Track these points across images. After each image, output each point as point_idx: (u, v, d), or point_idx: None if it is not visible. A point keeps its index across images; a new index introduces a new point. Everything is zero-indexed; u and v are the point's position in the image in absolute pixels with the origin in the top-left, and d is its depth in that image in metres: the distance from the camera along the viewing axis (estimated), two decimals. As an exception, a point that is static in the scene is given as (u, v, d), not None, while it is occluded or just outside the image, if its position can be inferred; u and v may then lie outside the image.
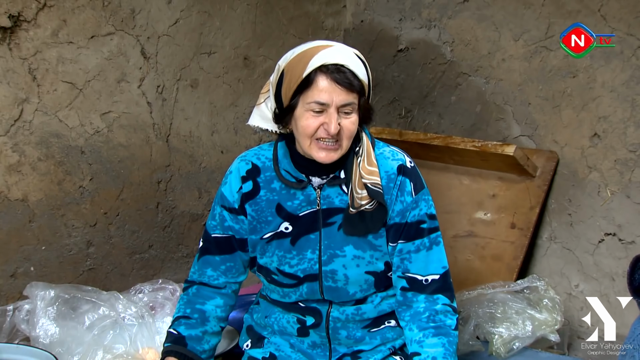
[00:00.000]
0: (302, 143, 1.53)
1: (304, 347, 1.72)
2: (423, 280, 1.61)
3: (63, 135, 2.32)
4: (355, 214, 1.55)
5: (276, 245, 1.63)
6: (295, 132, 1.55)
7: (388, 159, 1.62)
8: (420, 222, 1.61)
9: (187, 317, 1.68)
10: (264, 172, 1.64)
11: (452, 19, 2.92)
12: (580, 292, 2.59)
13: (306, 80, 1.46)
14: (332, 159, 1.52)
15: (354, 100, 1.49)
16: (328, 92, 1.46)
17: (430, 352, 1.55)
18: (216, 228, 1.68)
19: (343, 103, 1.48)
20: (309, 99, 1.47)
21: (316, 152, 1.52)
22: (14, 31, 2.16)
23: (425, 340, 1.57)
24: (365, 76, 1.51)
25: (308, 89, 1.47)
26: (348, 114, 1.50)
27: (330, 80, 1.46)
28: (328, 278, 1.62)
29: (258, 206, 1.63)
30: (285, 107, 1.52)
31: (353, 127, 1.51)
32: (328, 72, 1.46)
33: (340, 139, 1.51)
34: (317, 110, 1.48)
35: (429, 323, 1.59)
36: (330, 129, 1.47)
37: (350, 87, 1.47)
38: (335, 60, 1.46)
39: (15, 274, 2.25)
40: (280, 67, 1.53)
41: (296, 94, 1.48)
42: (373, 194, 1.53)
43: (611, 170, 2.47)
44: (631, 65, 2.39)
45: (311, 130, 1.49)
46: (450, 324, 1.60)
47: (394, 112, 3.21)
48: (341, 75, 1.46)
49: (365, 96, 1.53)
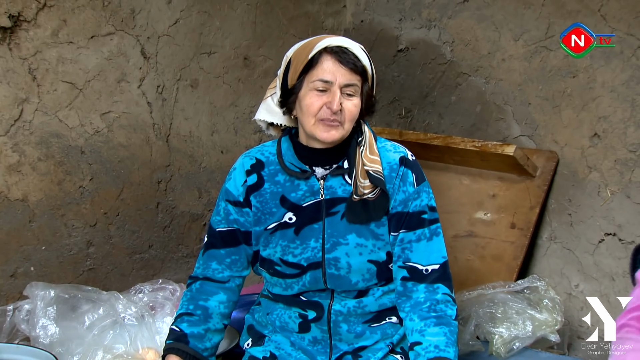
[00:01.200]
0: (305, 123, 1.57)
1: (304, 344, 1.73)
2: (423, 270, 1.63)
3: (63, 135, 2.32)
4: (358, 202, 1.58)
5: (280, 235, 1.65)
6: (299, 114, 1.59)
7: (390, 151, 1.67)
8: (422, 213, 1.64)
9: (190, 314, 1.68)
10: (268, 165, 1.67)
11: (452, 19, 2.92)
12: (580, 292, 2.59)
13: (311, 61, 1.53)
14: (334, 137, 1.56)
15: (357, 82, 1.55)
16: (332, 71, 1.52)
17: (433, 340, 1.56)
18: (221, 222, 1.71)
19: (346, 83, 1.53)
20: (314, 77, 1.53)
21: (319, 131, 1.56)
22: (14, 31, 2.16)
23: (427, 329, 1.58)
24: (368, 64, 1.57)
25: (313, 69, 1.53)
26: (351, 96, 1.55)
27: (334, 60, 1.52)
28: (331, 265, 1.63)
29: (262, 198, 1.66)
30: (290, 89, 1.57)
31: (355, 110, 1.56)
32: (332, 52, 1.53)
33: (343, 121, 1.56)
34: (321, 89, 1.53)
35: (430, 312, 1.60)
36: (333, 106, 1.52)
37: (354, 67, 1.53)
38: (340, 43, 1.53)
39: (15, 274, 2.25)
40: (287, 57, 1.61)
41: (301, 75, 1.55)
42: (374, 181, 1.57)
43: (611, 170, 2.47)
44: (631, 65, 2.39)
45: (315, 109, 1.54)
46: (450, 314, 1.61)
47: (394, 112, 3.21)
48: (345, 56, 1.52)
49: (368, 83, 1.59)
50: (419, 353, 1.56)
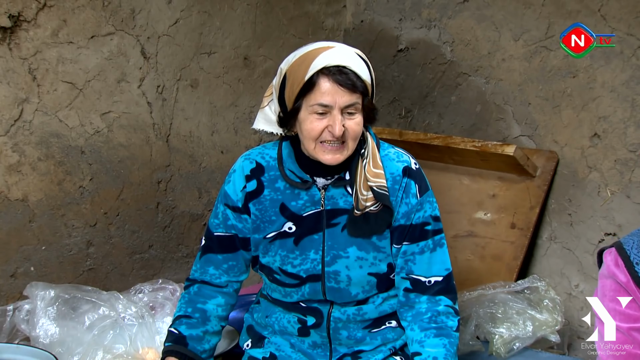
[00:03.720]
0: (307, 146, 1.53)
1: (304, 347, 1.72)
2: (426, 282, 1.61)
3: (63, 135, 2.32)
4: (360, 215, 1.55)
5: (279, 244, 1.63)
6: (300, 135, 1.55)
7: (393, 160, 1.62)
8: (425, 224, 1.61)
9: (188, 317, 1.68)
10: (268, 171, 1.63)
11: (452, 19, 2.92)
12: (580, 292, 2.59)
13: (308, 83, 1.46)
14: (338, 160, 1.52)
15: (358, 100, 1.49)
16: (331, 94, 1.46)
17: (431, 352, 1.56)
18: (219, 227, 1.69)
19: (346, 104, 1.47)
20: (312, 101, 1.47)
21: (322, 154, 1.51)
22: (14, 31, 2.16)
23: (427, 340, 1.57)
24: (367, 76, 1.51)
25: (311, 92, 1.46)
26: (352, 115, 1.50)
27: (332, 82, 1.45)
28: (331, 279, 1.62)
29: (262, 205, 1.63)
30: (289, 111, 1.51)
31: (358, 128, 1.51)
32: (330, 74, 1.45)
33: (346, 140, 1.51)
34: (321, 112, 1.47)
35: (431, 324, 1.59)
36: (335, 131, 1.47)
37: (353, 88, 1.46)
38: (337, 62, 1.45)
39: (15, 274, 2.25)
40: (282, 70, 1.53)
41: (299, 97, 1.48)
42: (379, 197, 1.53)
43: (611, 170, 2.47)
44: (631, 65, 2.39)
45: (316, 133, 1.49)
46: (451, 325, 1.60)
47: (394, 112, 3.21)
48: (343, 77, 1.45)
49: (368, 96, 1.53)
50: None
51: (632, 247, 1.39)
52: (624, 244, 1.40)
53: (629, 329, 1.42)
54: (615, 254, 1.41)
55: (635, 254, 1.38)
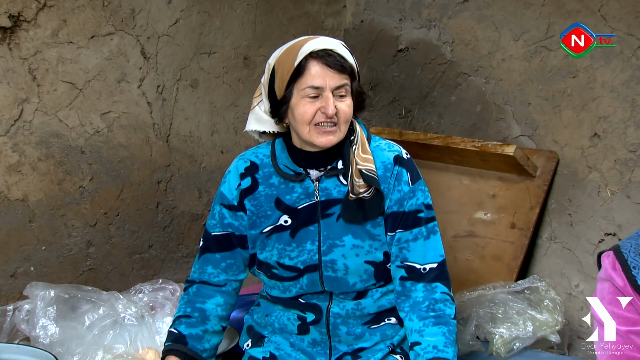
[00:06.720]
0: (300, 131, 1.56)
1: (304, 346, 1.73)
2: (421, 269, 1.63)
3: (63, 135, 2.32)
4: (354, 201, 1.57)
5: (276, 238, 1.65)
6: (292, 122, 1.58)
7: (384, 150, 1.66)
8: (418, 211, 1.63)
9: (187, 316, 1.68)
10: (262, 168, 1.67)
11: (452, 19, 2.92)
12: (580, 292, 2.59)
13: (298, 69, 1.51)
14: (331, 142, 1.55)
15: (347, 82, 1.54)
16: (321, 76, 1.51)
17: (431, 340, 1.56)
18: (216, 226, 1.70)
19: (337, 85, 1.52)
20: (303, 85, 1.52)
21: (316, 137, 1.55)
22: (14, 31, 2.16)
23: (426, 329, 1.58)
24: (353, 61, 1.57)
25: (301, 77, 1.52)
26: (343, 97, 1.55)
27: (321, 64, 1.51)
28: (328, 268, 1.63)
29: (257, 201, 1.65)
30: (280, 99, 1.55)
31: (349, 110, 1.56)
32: (318, 57, 1.51)
33: (338, 123, 1.55)
34: (313, 96, 1.52)
35: (429, 312, 1.60)
36: (328, 111, 1.51)
37: (342, 68, 1.52)
38: (324, 46, 1.52)
39: (15, 274, 2.25)
40: (270, 65, 1.58)
41: (290, 83, 1.53)
42: (368, 180, 1.56)
43: (611, 170, 2.47)
44: (631, 65, 2.39)
45: (309, 116, 1.53)
46: (449, 313, 1.61)
47: (394, 112, 3.21)
48: (331, 59, 1.51)
49: (356, 79, 1.58)
50: (418, 353, 1.56)
51: (629, 250, 1.39)
52: (621, 248, 1.41)
53: (627, 332, 1.42)
54: (613, 257, 1.41)
55: (633, 257, 1.38)
